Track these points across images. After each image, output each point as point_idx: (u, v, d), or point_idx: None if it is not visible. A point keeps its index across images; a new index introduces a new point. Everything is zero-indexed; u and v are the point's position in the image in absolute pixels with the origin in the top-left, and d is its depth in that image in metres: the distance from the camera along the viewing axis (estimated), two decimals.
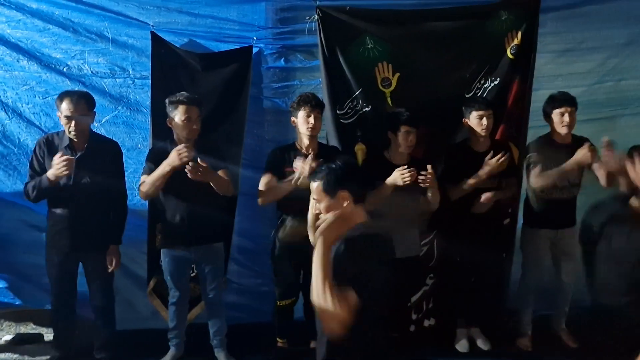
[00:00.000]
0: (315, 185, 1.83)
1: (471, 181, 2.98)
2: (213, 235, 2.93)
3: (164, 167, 2.64)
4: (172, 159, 2.61)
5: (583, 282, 2.42)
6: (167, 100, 2.78)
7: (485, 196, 3.00)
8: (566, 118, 3.00)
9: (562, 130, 3.04)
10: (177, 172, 2.64)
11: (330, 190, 1.79)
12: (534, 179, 3.08)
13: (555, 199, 3.08)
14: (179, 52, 3.11)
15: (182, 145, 2.63)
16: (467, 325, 3.35)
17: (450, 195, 3.04)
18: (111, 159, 2.85)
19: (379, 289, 1.72)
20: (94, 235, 2.79)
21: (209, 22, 3.13)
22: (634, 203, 2.06)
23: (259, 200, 2.85)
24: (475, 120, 3.02)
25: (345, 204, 1.78)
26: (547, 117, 3.11)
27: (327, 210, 1.79)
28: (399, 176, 2.76)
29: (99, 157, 2.77)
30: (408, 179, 2.74)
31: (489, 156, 2.97)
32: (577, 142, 3.08)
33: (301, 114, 2.80)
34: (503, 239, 3.38)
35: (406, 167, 2.78)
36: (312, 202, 1.92)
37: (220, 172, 2.77)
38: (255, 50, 3.16)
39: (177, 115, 2.73)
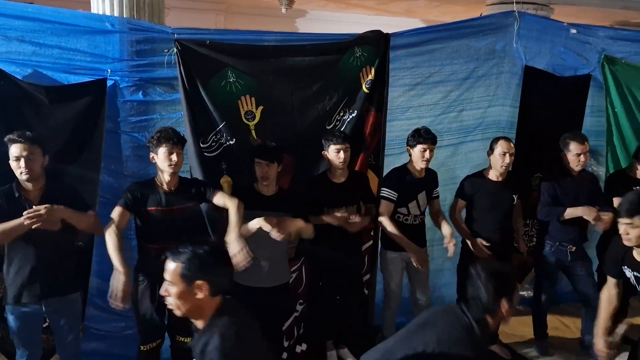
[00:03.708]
0: (172, 267, 1.63)
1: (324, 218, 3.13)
2: (68, 286, 2.71)
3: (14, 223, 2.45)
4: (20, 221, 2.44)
5: None
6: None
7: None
8: (427, 154, 3.26)
9: (421, 164, 3.29)
10: None
11: (188, 276, 1.62)
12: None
13: (407, 224, 3.34)
14: (21, 85, 2.83)
15: (27, 212, 2.44)
16: (336, 347, 3.51)
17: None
18: None
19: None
20: None
21: (57, 53, 2.89)
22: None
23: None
24: (333, 154, 3.17)
25: (199, 295, 1.62)
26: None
27: (178, 296, 1.62)
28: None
29: None
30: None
31: (339, 213, 3.13)
32: (429, 174, 3.41)
33: (162, 150, 2.73)
34: (366, 261, 3.61)
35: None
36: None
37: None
38: (110, 82, 2.98)
39: (11, 155, 2.54)
